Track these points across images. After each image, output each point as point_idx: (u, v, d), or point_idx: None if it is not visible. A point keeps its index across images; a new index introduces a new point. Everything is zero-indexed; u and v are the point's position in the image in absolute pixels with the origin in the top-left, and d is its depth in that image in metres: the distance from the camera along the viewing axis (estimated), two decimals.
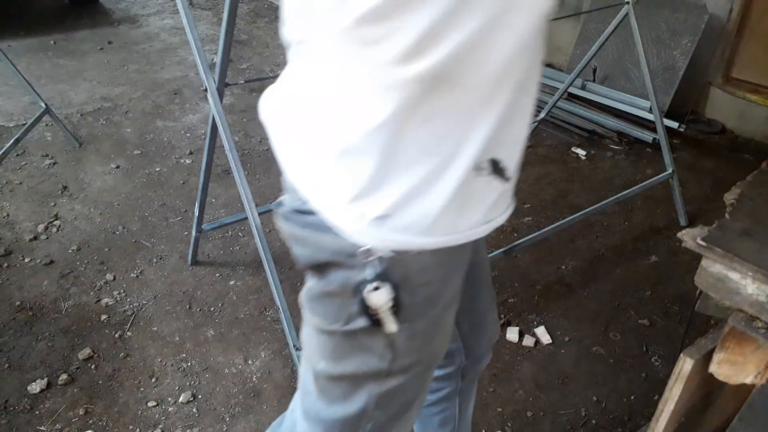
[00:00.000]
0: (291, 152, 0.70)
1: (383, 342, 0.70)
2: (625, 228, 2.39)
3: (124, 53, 3.90)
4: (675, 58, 3.14)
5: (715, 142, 3.17)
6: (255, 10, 4.89)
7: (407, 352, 0.72)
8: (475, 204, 0.65)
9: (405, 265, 0.65)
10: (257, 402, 1.60)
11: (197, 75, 3.56)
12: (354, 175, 0.61)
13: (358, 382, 0.75)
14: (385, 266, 0.64)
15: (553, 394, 1.65)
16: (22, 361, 1.69)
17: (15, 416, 1.53)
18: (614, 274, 2.13)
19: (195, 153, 2.77)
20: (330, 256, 0.67)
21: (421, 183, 0.60)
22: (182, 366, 1.70)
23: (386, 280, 0.64)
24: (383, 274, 0.64)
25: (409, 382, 0.76)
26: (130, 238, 2.20)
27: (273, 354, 1.74)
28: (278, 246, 2.19)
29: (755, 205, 0.99)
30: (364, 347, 0.71)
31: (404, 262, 0.65)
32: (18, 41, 3.91)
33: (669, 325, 1.91)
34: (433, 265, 0.67)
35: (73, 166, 2.63)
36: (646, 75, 2.28)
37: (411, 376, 0.75)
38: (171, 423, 1.53)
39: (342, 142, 0.61)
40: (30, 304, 1.89)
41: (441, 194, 0.61)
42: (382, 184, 0.61)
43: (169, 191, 2.49)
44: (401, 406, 0.80)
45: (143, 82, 3.50)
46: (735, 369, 0.94)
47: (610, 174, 2.79)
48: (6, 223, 2.24)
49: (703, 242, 0.89)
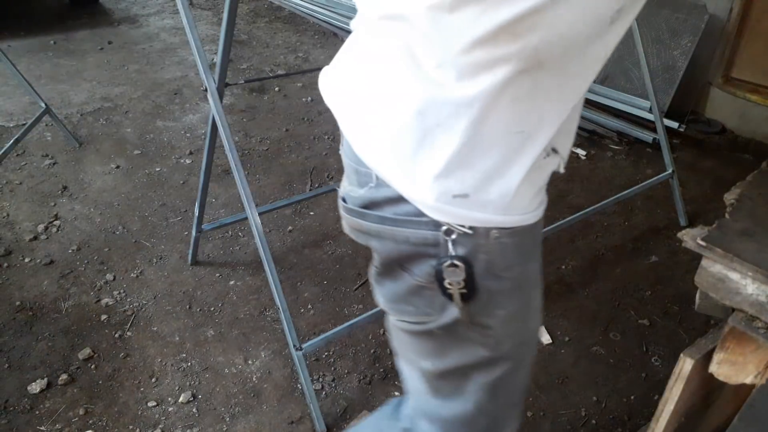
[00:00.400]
0: (368, 133, 0.68)
1: (481, 330, 0.71)
2: (625, 228, 2.39)
3: (124, 53, 3.90)
4: (675, 58, 3.14)
5: (715, 142, 3.17)
6: (255, 10, 4.89)
7: (506, 337, 0.74)
8: (542, 184, 0.69)
9: (487, 251, 0.66)
10: (257, 402, 1.60)
11: (197, 75, 3.56)
12: (439, 152, 0.62)
13: (466, 375, 0.76)
14: (467, 250, 0.65)
15: (553, 394, 1.65)
16: (22, 361, 1.69)
17: (15, 416, 1.53)
18: (614, 274, 2.13)
19: (195, 153, 2.77)
20: (413, 248, 0.67)
21: (502, 162, 0.62)
22: (182, 366, 1.70)
23: (465, 263, 0.65)
24: (462, 257, 0.65)
25: (514, 368, 0.78)
26: (130, 238, 2.20)
27: (273, 354, 1.74)
28: (278, 246, 2.19)
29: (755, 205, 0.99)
30: (464, 338, 0.72)
31: (486, 248, 0.66)
32: (18, 41, 3.91)
33: (669, 325, 1.91)
34: (512, 248, 0.68)
35: (73, 166, 2.63)
36: (646, 75, 2.28)
37: (515, 361, 0.77)
38: (171, 423, 1.53)
39: (429, 119, 0.61)
40: (30, 304, 1.89)
41: (518, 173, 0.63)
42: (466, 162, 0.62)
43: (169, 191, 2.49)
44: (511, 394, 0.82)
45: (143, 82, 3.50)
46: (735, 369, 0.94)
47: (610, 174, 2.79)
48: (6, 223, 2.24)
49: (703, 242, 0.89)
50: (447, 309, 0.69)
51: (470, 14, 0.54)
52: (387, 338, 1.81)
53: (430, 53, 0.59)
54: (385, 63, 0.65)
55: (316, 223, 2.32)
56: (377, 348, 1.77)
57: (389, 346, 1.79)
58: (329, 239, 2.24)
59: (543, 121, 0.62)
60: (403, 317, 0.75)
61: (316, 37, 4.39)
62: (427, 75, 0.60)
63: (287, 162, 2.74)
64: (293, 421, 1.55)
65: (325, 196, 2.43)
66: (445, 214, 0.64)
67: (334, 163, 2.75)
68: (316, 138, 2.98)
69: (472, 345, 0.72)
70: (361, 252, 2.18)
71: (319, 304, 1.93)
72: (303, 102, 3.37)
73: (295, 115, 3.21)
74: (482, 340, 0.72)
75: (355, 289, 2.00)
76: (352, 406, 1.59)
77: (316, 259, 2.14)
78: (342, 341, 1.77)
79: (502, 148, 0.61)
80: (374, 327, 1.82)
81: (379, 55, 0.66)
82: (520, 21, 0.53)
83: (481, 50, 0.56)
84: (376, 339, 1.80)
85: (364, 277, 2.05)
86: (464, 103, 0.59)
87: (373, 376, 1.69)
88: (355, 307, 1.91)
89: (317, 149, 2.87)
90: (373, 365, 1.72)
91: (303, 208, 2.40)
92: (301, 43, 4.24)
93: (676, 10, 3.13)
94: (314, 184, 2.58)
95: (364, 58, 0.69)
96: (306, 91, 3.49)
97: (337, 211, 2.56)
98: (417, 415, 0.86)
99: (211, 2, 5.05)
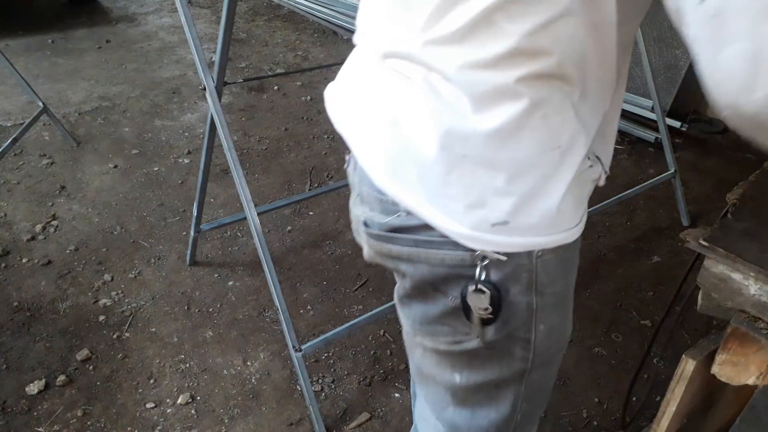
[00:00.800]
0: (389, 166, 0.65)
1: (522, 345, 0.69)
2: (627, 228, 2.38)
3: (122, 52, 3.89)
4: (677, 57, 3.13)
5: (718, 141, 3.16)
6: (254, 9, 4.88)
7: (546, 349, 0.72)
8: (584, 195, 0.67)
9: (530, 270, 0.64)
10: (256, 403, 1.59)
11: (196, 74, 3.55)
12: (470, 183, 0.59)
13: (501, 386, 0.73)
14: (501, 275, 0.63)
15: (555, 395, 1.64)
16: (19, 362, 1.68)
17: (13, 417, 1.52)
18: (616, 274, 2.12)
19: (193, 152, 2.76)
20: (450, 270, 0.64)
21: (542, 182, 0.60)
22: (181, 367, 1.69)
23: (494, 289, 0.63)
24: (493, 282, 0.63)
25: (550, 371, 0.77)
26: (128, 239, 2.19)
27: (272, 355, 1.73)
28: (277, 246, 2.18)
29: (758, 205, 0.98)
30: (503, 353, 0.70)
31: (529, 267, 0.64)
32: (16, 40, 3.90)
33: (671, 326, 1.90)
34: (556, 264, 0.66)
35: (71, 166, 2.62)
36: (648, 74, 2.27)
37: (551, 364, 0.76)
38: (169, 424, 1.52)
39: (455, 150, 0.59)
40: (28, 304, 1.88)
41: (560, 189, 0.61)
42: (502, 190, 0.59)
43: (168, 191, 2.48)
44: (545, 393, 0.80)
45: (141, 81, 3.49)
46: (737, 370, 0.93)
47: (612, 173, 2.78)
48: (3, 223, 2.23)
49: (706, 242, 0.88)
50: (487, 327, 0.67)
51: (480, 41, 0.54)
52: (387, 339, 1.80)
53: (447, 85, 0.58)
54: (402, 90, 0.63)
55: (315, 224, 2.31)
56: (377, 349, 1.77)
57: (389, 347, 1.78)
58: (329, 239, 2.23)
59: (579, 132, 0.60)
60: (436, 338, 0.72)
61: (316, 35, 4.38)
62: (448, 104, 0.58)
63: (286, 161, 2.73)
64: (292, 422, 1.54)
65: (324, 196, 2.42)
66: (484, 243, 0.61)
67: (333, 162, 2.74)
68: (316, 137, 2.97)
69: (511, 359, 0.70)
70: (361, 252, 2.17)
71: (318, 305, 1.92)
72: (302, 101, 3.36)
73: (294, 114, 3.20)
74: (522, 354, 0.70)
75: (355, 289, 1.99)
76: (352, 408, 1.58)
77: (316, 259, 2.13)
78: (342, 342, 1.76)
79: (541, 167, 0.59)
80: (374, 328, 1.81)
81: (394, 81, 0.64)
82: (535, 38, 0.52)
83: (501, 73, 0.55)
84: (376, 340, 1.79)
85: (364, 278, 2.04)
86: (490, 133, 0.57)
87: (373, 377, 1.68)
88: (354, 308, 1.90)
89: (317, 149, 2.86)
90: (373, 366, 1.71)
91: (302, 208, 2.39)
92: (300, 42, 4.23)
93: None
94: (314, 183, 2.57)
95: (377, 82, 0.67)
96: (305, 90, 3.48)
97: (336, 211, 2.55)
98: (446, 428, 0.82)
99: (209, 0, 5.04)
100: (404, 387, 1.65)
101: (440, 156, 0.59)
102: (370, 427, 1.54)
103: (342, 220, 2.33)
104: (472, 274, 0.63)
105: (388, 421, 1.55)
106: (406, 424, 1.54)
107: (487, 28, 0.53)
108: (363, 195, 0.72)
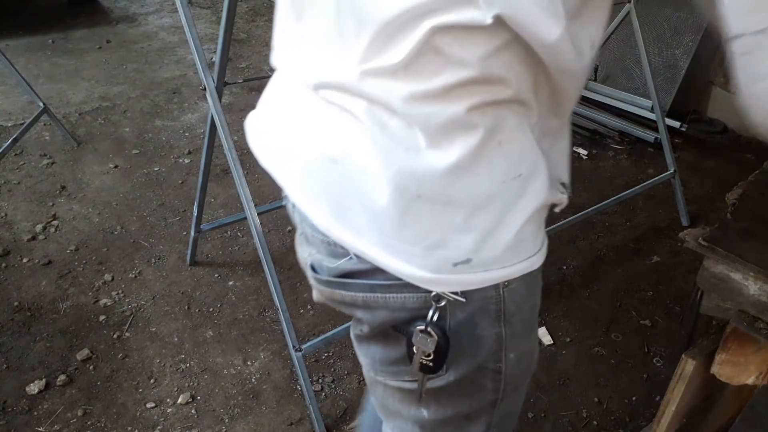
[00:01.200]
0: (333, 208, 0.59)
1: (492, 376, 0.65)
2: (627, 228, 2.38)
3: (122, 52, 3.89)
4: (677, 57, 3.13)
5: (717, 141, 3.16)
6: (254, 9, 4.88)
7: (517, 376, 0.69)
8: (543, 218, 0.64)
9: (497, 301, 0.61)
10: (256, 403, 1.59)
11: (196, 74, 3.55)
12: (427, 224, 0.55)
13: (472, 417, 0.70)
14: (456, 320, 0.59)
15: (554, 395, 1.64)
16: (20, 362, 1.68)
17: (13, 417, 1.53)
18: (616, 274, 2.12)
19: (194, 152, 2.77)
20: (412, 313, 0.60)
21: (504, 213, 0.56)
22: (181, 367, 1.69)
23: (442, 334, 0.59)
24: (442, 327, 0.59)
25: (520, 393, 0.74)
26: (129, 238, 2.19)
27: (272, 355, 1.73)
28: (277, 246, 2.18)
29: (757, 205, 0.98)
30: (473, 386, 0.66)
31: (496, 298, 0.60)
32: (16, 40, 3.90)
33: (671, 326, 1.90)
34: (522, 290, 0.63)
35: (72, 166, 2.62)
36: (648, 74, 2.27)
37: (520, 389, 0.73)
38: (170, 424, 1.53)
39: (409, 191, 0.54)
40: (28, 304, 1.88)
41: (521, 218, 0.57)
42: (462, 227, 0.55)
43: (168, 191, 2.49)
44: (515, 415, 0.77)
45: (142, 81, 3.49)
46: (737, 370, 0.93)
47: (611, 173, 2.78)
48: (4, 223, 2.24)
49: (705, 242, 0.88)
50: (427, 376, 0.63)
51: (428, 70, 0.50)
52: None
53: (394, 118, 0.53)
54: (342, 124, 0.56)
55: None
56: None
57: None
58: None
59: (539, 157, 0.57)
60: (399, 377, 0.67)
61: None
62: (398, 140, 0.53)
63: None
64: (293, 422, 1.54)
65: None
66: (447, 285, 0.57)
67: None
68: None
69: (482, 391, 0.66)
70: None
71: (318, 305, 1.92)
72: None
73: None
74: (493, 385, 0.66)
75: None
76: (352, 408, 1.58)
77: None
78: (342, 342, 1.76)
79: (502, 198, 0.55)
80: None
81: (331, 114, 0.57)
82: (487, 65, 0.50)
83: (453, 104, 0.51)
84: None
85: None
86: (447, 169, 0.53)
87: None
88: None
89: None
90: None
91: None
92: None
93: (678, 9, 3.12)
94: None
95: (310, 115, 0.60)
96: None
97: None
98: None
99: (210, 0, 5.04)
100: None
101: (393, 198, 0.54)
102: None
103: None
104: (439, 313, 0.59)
105: None
106: None
107: (435, 57, 0.49)
108: (307, 235, 0.66)
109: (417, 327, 0.58)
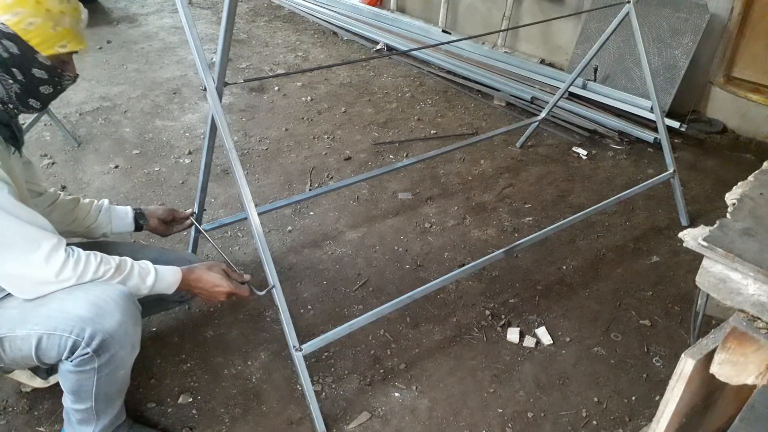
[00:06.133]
0: None
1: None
2: (626, 228, 2.39)
3: (123, 52, 3.90)
4: (676, 58, 3.14)
5: (717, 141, 3.16)
6: (254, 9, 4.89)
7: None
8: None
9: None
10: (257, 403, 1.59)
11: (196, 74, 3.55)
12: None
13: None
14: None
15: (554, 394, 1.64)
16: None
17: (14, 417, 1.53)
18: (615, 274, 2.12)
19: (194, 152, 2.77)
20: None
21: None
22: (181, 367, 1.69)
23: None
24: None
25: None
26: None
27: (272, 355, 1.74)
28: (277, 246, 2.19)
29: (756, 205, 0.98)
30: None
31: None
32: None
33: (670, 326, 1.90)
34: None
35: (72, 166, 2.62)
36: (647, 74, 2.27)
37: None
38: (170, 424, 1.53)
39: None
40: None
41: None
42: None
43: (168, 191, 2.49)
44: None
45: (142, 81, 3.50)
46: (736, 369, 0.93)
47: (611, 174, 2.79)
48: None
49: (705, 242, 0.88)
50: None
51: None
52: (387, 339, 1.80)
53: None
54: None
55: (315, 224, 2.32)
56: (377, 349, 1.77)
57: (389, 347, 1.78)
58: (329, 239, 2.23)
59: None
60: None
61: (316, 36, 4.39)
62: None
63: (287, 162, 2.74)
64: (293, 422, 1.54)
65: (324, 196, 2.42)
66: None
67: (333, 163, 2.75)
68: (316, 137, 2.98)
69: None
70: (361, 252, 2.17)
71: (318, 305, 1.92)
72: (302, 101, 3.36)
73: (294, 115, 3.21)
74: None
75: (355, 289, 1.99)
76: (352, 407, 1.59)
77: (316, 259, 2.13)
78: (342, 342, 1.77)
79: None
80: (374, 328, 1.82)
81: None
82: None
83: None
84: (376, 340, 1.80)
85: (364, 278, 2.04)
86: None
87: (373, 377, 1.68)
88: (354, 308, 1.91)
89: (317, 149, 2.87)
90: (373, 366, 1.71)
91: (302, 208, 2.39)
92: (300, 42, 4.24)
93: (678, 10, 3.13)
94: (314, 184, 2.57)
95: None
96: (305, 91, 3.49)
97: (336, 211, 2.54)
98: None
99: (210, 1, 5.05)
100: (404, 386, 1.65)
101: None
102: (370, 426, 1.54)
103: (342, 220, 2.33)
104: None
105: (388, 420, 1.56)
106: (407, 423, 1.55)
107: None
108: None
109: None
